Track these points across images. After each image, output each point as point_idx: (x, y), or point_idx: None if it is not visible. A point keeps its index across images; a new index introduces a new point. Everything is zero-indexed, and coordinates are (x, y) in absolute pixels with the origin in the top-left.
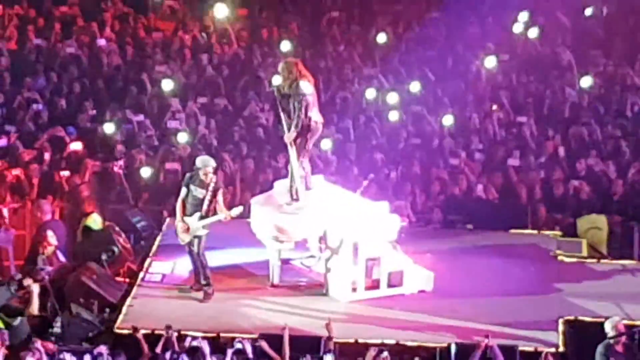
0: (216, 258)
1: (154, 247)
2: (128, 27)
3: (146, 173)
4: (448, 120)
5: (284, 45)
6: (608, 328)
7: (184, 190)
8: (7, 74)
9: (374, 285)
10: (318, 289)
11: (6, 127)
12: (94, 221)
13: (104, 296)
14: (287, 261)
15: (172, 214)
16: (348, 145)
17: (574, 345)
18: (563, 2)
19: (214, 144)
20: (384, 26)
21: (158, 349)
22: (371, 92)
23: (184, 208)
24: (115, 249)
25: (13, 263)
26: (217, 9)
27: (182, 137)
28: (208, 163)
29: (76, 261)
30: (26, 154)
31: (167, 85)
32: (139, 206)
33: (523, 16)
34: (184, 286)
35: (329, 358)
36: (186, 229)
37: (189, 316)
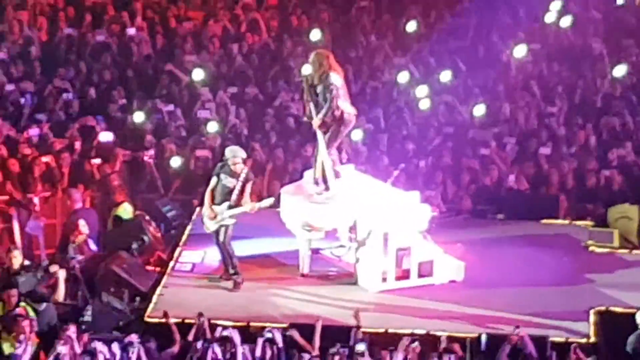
0: (246, 248)
1: (184, 237)
2: (159, 17)
3: (176, 163)
4: (479, 110)
5: (314, 34)
6: (639, 319)
7: (214, 179)
8: (38, 64)
9: (404, 275)
10: (348, 279)
11: (37, 116)
12: (125, 210)
13: (135, 285)
14: (317, 251)
15: (202, 203)
16: (379, 135)
17: (605, 335)
18: None
19: (244, 134)
20: (415, 15)
21: (190, 337)
22: (404, 76)
23: (213, 197)
24: (145, 238)
25: (44, 252)
26: None
27: (212, 127)
28: (237, 153)
29: (107, 250)
30: (57, 143)
31: (198, 74)
32: (169, 195)
33: (555, 5)
34: (214, 275)
35: (362, 347)
36: (213, 217)
37: (219, 305)
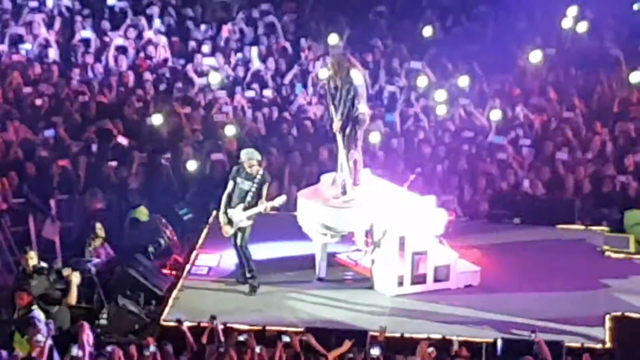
0: (262, 251)
1: (201, 240)
2: (176, 20)
3: (192, 166)
4: (496, 114)
5: (332, 38)
6: None
7: (231, 183)
8: (55, 67)
9: (420, 279)
10: (364, 283)
11: (53, 119)
12: (141, 213)
13: (151, 288)
14: (334, 255)
15: (219, 207)
16: (395, 139)
17: (621, 341)
18: None
19: (261, 137)
20: (432, 20)
21: (203, 339)
22: (422, 80)
23: (230, 201)
24: (162, 241)
25: (60, 255)
26: None
27: (230, 130)
28: (252, 155)
29: (123, 253)
30: (74, 146)
31: (214, 78)
32: (186, 198)
33: (572, 11)
34: (230, 279)
35: (376, 351)
36: (230, 222)
37: (235, 309)
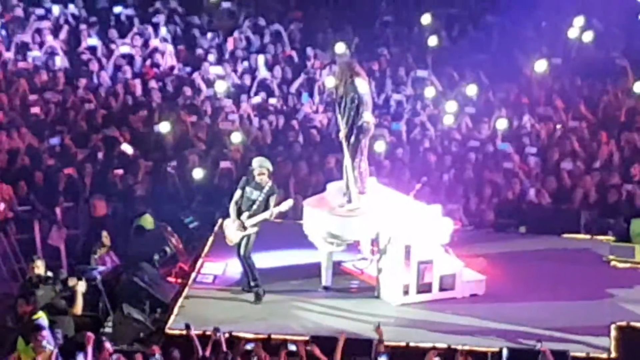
0: (268, 260)
1: (206, 248)
2: (182, 28)
3: (198, 174)
4: (502, 123)
5: (339, 47)
6: None
7: (239, 192)
8: (62, 74)
9: (426, 288)
10: (369, 292)
11: (57, 127)
12: (147, 221)
13: (156, 296)
14: (339, 263)
15: (225, 215)
16: (401, 148)
17: (626, 351)
18: (618, 7)
19: (267, 146)
20: (438, 29)
21: (207, 352)
22: (430, 91)
23: (238, 209)
24: (167, 249)
25: (65, 262)
26: None
27: (236, 138)
28: (264, 164)
29: (128, 261)
30: (79, 153)
31: (221, 86)
32: (192, 207)
33: (578, 21)
34: (236, 287)
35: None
36: (241, 228)
37: (240, 317)
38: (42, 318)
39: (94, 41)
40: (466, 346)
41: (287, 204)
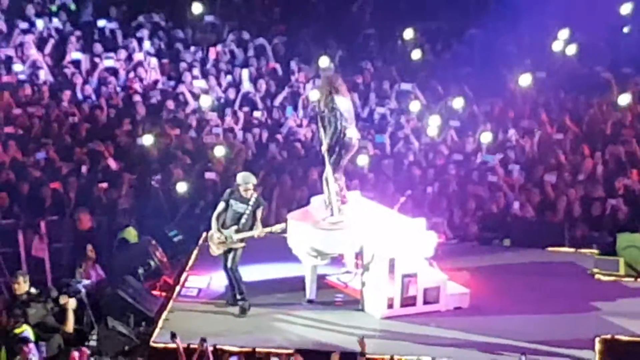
0: (252, 273)
1: (191, 262)
2: (166, 42)
3: (182, 188)
4: (486, 137)
5: (322, 61)
6: None
7: (222, 204)
8: (46, 88)
9: (410, 301)
10: (354, 305)
11: (42, 140)
12: (129, 234)
13: (141, 310)
14: (324, 277)
15: (209, 228)
16: (385, 161)
17: None
18: (603, 20)
19: (251, 159)
20: (422, 43)
21: None
22: (415, 105)
23: (223, 222)
24: (151, 263)
25: (50, 276)
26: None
27: (219, 151)
28: (249, 180)
29: (113, 274)
30: (64, 167)
31: (205, 100)
32: (176, 220)
33: (563, 34)
34: (220, 301)
35: None
36: (221, 241)
37: (225, 330)
38: (27, 331)
39: (78, 55)
40: (450, 359)
41: (280, 227)
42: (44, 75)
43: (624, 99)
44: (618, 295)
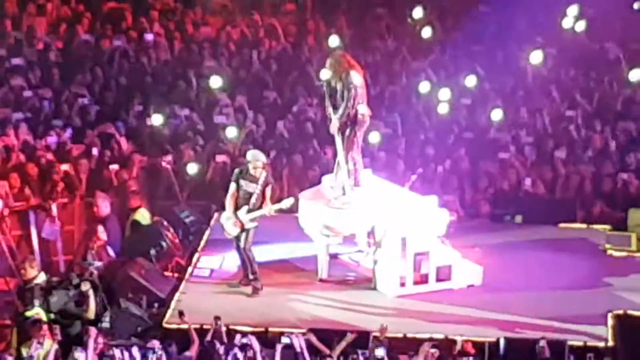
0: (265, 253)
1: (202, 242)
2: (176, 23)
3: (193, 169)
4: (497, 114)
5: (332, 40)
6: None
7: (233, 185)
8: (56, 70)
9: (423, 279)
10: (366, 284)
11: (54, 122)
12: (143, 216)
13: (153, 291)
14: (336, 256)
15: (221, 209)
16: (396, 139)
17: (623, 339)
18: None
19: (262, 139)
20: (432, 21)
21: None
22: (425, 86)
23: (235, 203)
24: (163, 244)
25: (62, 258)
26: None
27: (231, 132)
28: (258, 157)
29: (125, 256)
30: (75, 149)
31: (215, 80)
32: (188, 201)
33: (572, 10)
34: (233, 281)
35: (381, 352)
36: (236, 223)
37: (238, 311)
38: (39, 313)
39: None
40: (463, 337)
41: (288, 202)
42: (54, 57)
43: (635, 75)
44: (630, 270)
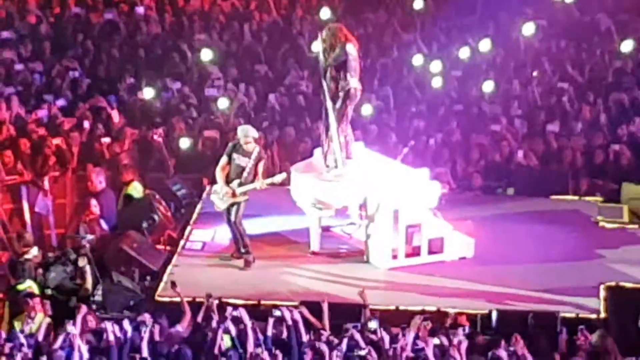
0: (257, 226)
1: (195, 215)
2: None
3: (185, 143)
4: (488, 86)
5: (324, 12)
6: None
7: (225, 158)
8: (47, 43)
9: (415, 252)
10: (358, 257)
11: (45, 97)
12: (135, 189)
13: (145, 264)
14: (328, 228)
15: (213, 182)
16: (388, 112)
17: (615, 311)
18: None
19: (254, 112)
20: None
21: (199, 318)
22: (418, 59)
23: (226, 175)
24: (155, 217)
25: (54, 231)
26: None
27: (222, 104)
28: (248, 133)
29: (117, 229)
30: (67, 123)
31: (206, 54)
32: (179, 174)
33: None
34: (225, 254)
35: (374, 324)
36: (230, 194)
37: (230, 284)
38: (31, 287)
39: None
40: (455, 309)
41: (280, 177)
42: (45, 30)
43: (626, 46)
44: (622, 242)
